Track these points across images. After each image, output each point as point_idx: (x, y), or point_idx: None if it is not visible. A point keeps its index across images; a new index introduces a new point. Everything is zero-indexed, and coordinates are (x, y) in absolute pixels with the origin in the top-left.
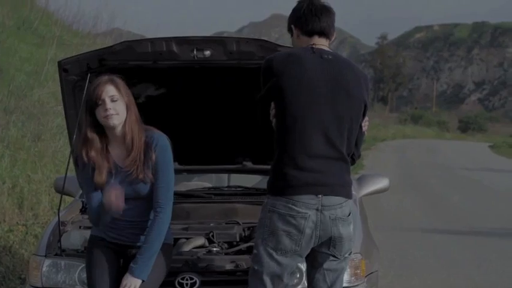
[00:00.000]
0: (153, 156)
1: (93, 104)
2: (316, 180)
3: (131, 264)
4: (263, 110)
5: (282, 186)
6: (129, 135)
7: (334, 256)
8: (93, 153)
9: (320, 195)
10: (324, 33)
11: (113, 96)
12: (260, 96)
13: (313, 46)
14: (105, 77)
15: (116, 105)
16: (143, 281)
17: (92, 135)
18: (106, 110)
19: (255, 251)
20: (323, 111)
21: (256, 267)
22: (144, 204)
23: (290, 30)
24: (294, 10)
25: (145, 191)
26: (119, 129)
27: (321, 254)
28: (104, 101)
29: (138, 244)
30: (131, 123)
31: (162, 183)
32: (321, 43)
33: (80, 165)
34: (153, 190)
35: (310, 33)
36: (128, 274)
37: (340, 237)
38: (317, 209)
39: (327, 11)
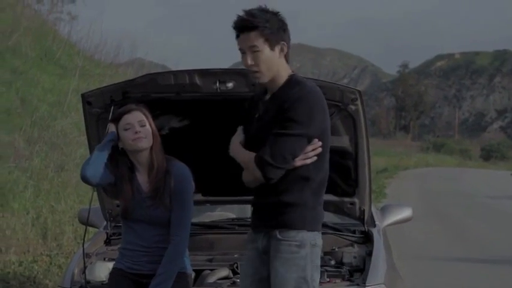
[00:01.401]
0: (172, 184)
1: (118, 119)
2: None
3: None
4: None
5: (320, 221)
6: (155, 162)
7: None
8: (122, 174)
9: None
10: None
11: (141, 121)
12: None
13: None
14: (132, 105)
15: (144, 129)
16: None
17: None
18: (136, 132)
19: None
20: None
21: None
22: (160, 231)
23: (274, 47)
24: (283, 21)
25: (163, 218)
26: (144, 155)
27: None
28: (132, 125)
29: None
30: (156, 151)
31: (179, 211)
32: None
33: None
34: (171, 218)
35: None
36: None
37: None
38: None
39: None
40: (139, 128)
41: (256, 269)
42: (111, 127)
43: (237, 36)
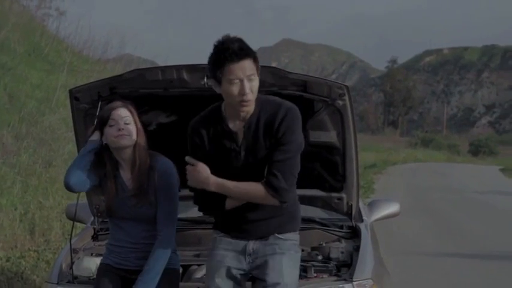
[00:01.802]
0: (156, 180)
1: (104, 124)
2: None
3: (132, 287)
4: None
5: None
6: (138, 159)
7: None
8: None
9: None
10: None
11: (126, 118)
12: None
13: None
14: (118, 102)
15: (129, 127)
16: None
17: (105, 154)
18: (119, 129)
19: None
20: None
21: None
22: (147, 227)
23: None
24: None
25: (148, 214)
26: (127, 152)
27: None
28: (117, 121)
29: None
30: (141, 148)
31: (164, 206)
32: None
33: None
34: (156, 214)
35: None
36: None
37: None
38: None
39: None
40: (123, 126)
41: (228, 267)
42: (94, 135)
43: (222, 65)
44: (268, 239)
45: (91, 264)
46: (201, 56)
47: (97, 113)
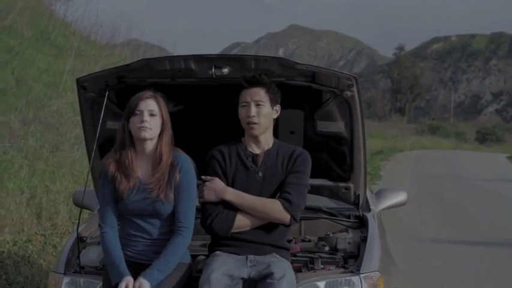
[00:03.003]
0: (177, 178)
1: (131, 113)
2: None
3: (143, 272)
4: None
5: None
6: (161, 155)
7: None
8: (126, 159)
9: None
10: None
11: (152, 110)
12: None
13: None
14: (149, 92)
15: (152, 119)
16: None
17: (127, 142)
18: (142, 121)
19: None
20: None
21: None
22: (164, 223)
23: (273, 107)
24: (278, 89)
25: (165, 211)
26: (149, 145)
27: None
28: (142, 112)
29: None
30: (164, 143)
31: (184, 204)
32: None
33: (103, 177)
34: (175, 211)
35: None
36: (140, 277)
37: None
38: None
39: None
40: (148, 118)
41: (227, 268)
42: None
43: (239, 88)
44: (266, 256)
45: (98, 253)
46: (208, 42)
47: (104, 102)
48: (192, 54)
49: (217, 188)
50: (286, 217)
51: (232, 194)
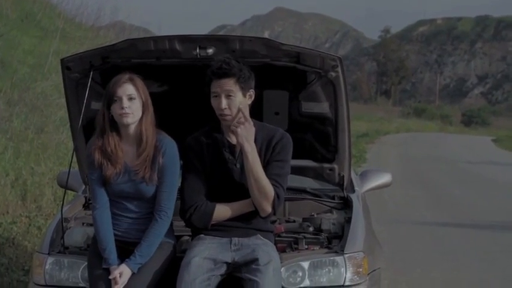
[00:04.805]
0: (160, 161)
1: (110, 99)
2: None
3: (126, 259)
4: None
5: None
6: (144, 136)
7: None
8: (109, 146)
9: None
10: None
11: (130, 95)
12: None
13: None
14: (125, 75)
15: (132, 104)
16: (134, 273)
17: (109, 128)
18: (122, 108)
19: None
20: None
21: None
22: (148, 204)
23: (246, 94)
24: (251, 71)
25: (149, 193)
26: (132, 128)
27: None
28: (120, 98)
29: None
30: (146, 124)
31: (166, 188)
32: None
33: (90, 165)
34: (156, 194)
35: None
36: (122, 264)
37: None
38: None
39: None
40: (127, 103)
41: (210, 252)
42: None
43: (210, 80)
44: (250, 238)
45: (82, 234)
46: (194, 24)
47: (89, 83)
48: (177, 35)
49: (249, 136)
50: (268, 209)
51: (250, 153)
